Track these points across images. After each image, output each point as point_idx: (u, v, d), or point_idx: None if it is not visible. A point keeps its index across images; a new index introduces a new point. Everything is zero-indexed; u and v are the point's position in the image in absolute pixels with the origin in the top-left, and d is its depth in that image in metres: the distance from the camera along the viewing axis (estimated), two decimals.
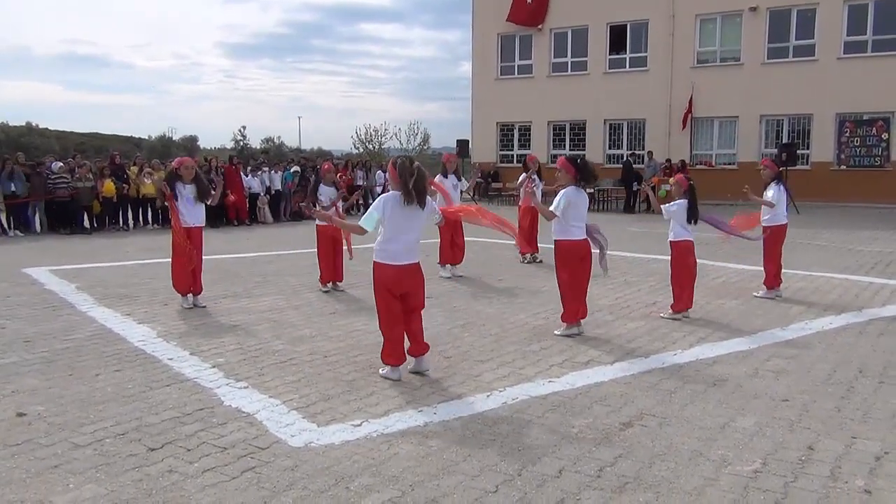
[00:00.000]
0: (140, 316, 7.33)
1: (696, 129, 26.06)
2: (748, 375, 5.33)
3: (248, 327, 6.85)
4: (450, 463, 3.77)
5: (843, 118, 23.67)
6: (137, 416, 4.45)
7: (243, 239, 15.02)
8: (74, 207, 16.15)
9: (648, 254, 11.72)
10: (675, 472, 3.67)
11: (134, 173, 17.42)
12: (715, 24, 25.69)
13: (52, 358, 5.77)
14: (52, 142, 48.54)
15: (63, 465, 3.75)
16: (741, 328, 6.83)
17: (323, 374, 5.32)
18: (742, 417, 4.46)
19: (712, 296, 8.42)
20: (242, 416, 4.45)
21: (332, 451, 3.93)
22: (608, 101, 27.02)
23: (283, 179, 20.04)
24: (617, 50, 27.47)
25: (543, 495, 3.42)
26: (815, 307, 7.77)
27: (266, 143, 58.65)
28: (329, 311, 7.60)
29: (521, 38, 29.17)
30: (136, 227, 17.29)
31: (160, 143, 58.20)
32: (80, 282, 9.29)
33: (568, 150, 28.71)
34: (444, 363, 5.61)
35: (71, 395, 4.84)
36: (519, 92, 29.12)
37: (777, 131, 25.05)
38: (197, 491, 3.45)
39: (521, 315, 7.40)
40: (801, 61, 24.12)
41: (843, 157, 23.72)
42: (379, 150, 44.58)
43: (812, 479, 3.58)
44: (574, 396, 4.84)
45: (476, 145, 30.31)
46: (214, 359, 5.73)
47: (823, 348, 6.10)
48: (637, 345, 6.22)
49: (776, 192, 8.41)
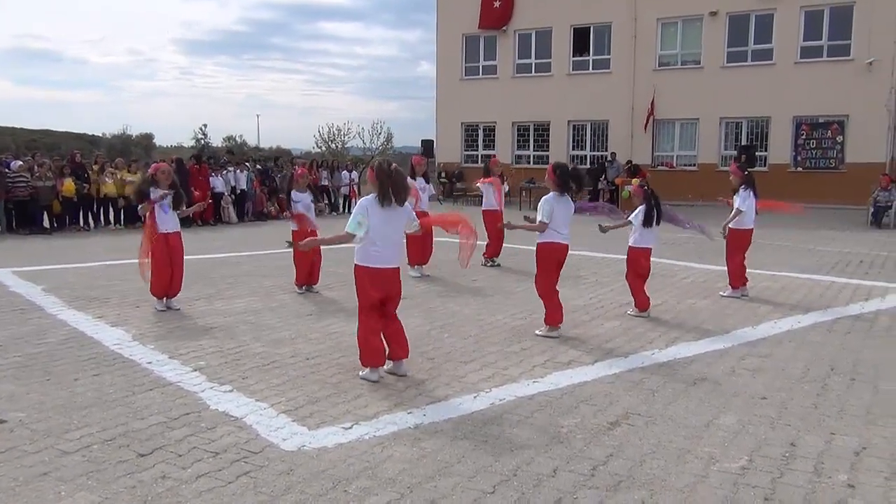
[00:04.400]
0: (112, 318, 7.21)
1: (657, 130, 26.45)
2: (726, 374, 5.46)
3: (226, 329, 6.79)
4: (445, 464, 3.80)
5: (799, 121, 24.26)
6: (123, 421, 4.39)
7: (209, 239, 14.83)
8: (34, 207, 15.77)
9: (618, 254, 11.87)
10: (666, 469, 3.75)
11: (95, 172, 17.07)
12: (676, 28, 26.10)
13: (26, 363, 5.64)
14: (6, 139, 47.24)
15: (52, 472, 3.68)
16: (714, 327, 6.99)
17: (307, 377, 5.30)
18: (724, 415, 4.57)
19: (682, 295, 8.59)
20: (231, 421, 4.41)
21: (326, 454, 3.92)
22: (572, 103, 27.29)
23: (248, 179, 19.84)
24: (580, 52, 27.74)
25: (541, 495, 3.47)
26: (783, 306, 7.98)
27: (228, 142, 57.87)
28: (306, 313, 7.56)
29: (486, 38, 29.28)
30: (97, 227, 16.95)
31: (119, 141, 57.04)
32: (45, 284, 9.09)
33: (532, 150, 28.94)
34: (427, 365, 5.64)
35: (51, 401, 4.75)
36: (483, 92, 29.23)
37: (736, 133, 25.55)
38: (193, 497, 3.43)
39: (498, 316, 7.46)
40: (760, 65, 24.64)
41: (800, 158, 24.30)
42: (342, 150, 44.32)
43: (797, 475, 3.70)
44: (560, 396, 4.91)
45: (440, 145, 30.35)
46: (195, 362, 5.67)
47: (794, 347, 6.27)
48: (615, 344, 6.32)
49: (744, 198, 8.58)
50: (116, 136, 61.40)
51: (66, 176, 16.22)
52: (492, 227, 11.14)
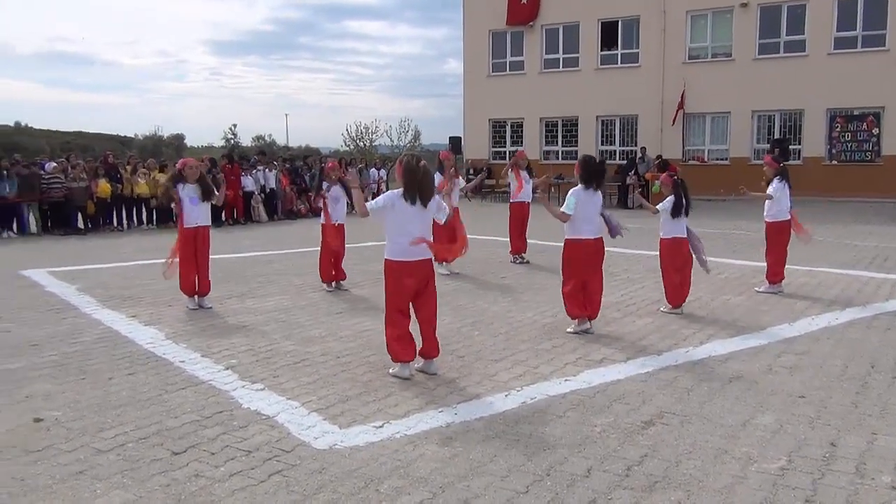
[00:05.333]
0: (146, 318, 7.28)
1: (687, 124, 26.15)
2: (762, 372, 5.35)
3: (257, 328, 6.82)
4: (477, 464, 3.77)
5: (833, 113, 23.82)
6: (157, 419, 4.42)
7: (240, 238, 14.95)
8: (68, 208, 16.02)
9: (648, 250, 11.74)
10: (703, 470, 3.68)
11: (128, 173, 17.30)
12: (706, 20, 25.77)
13: (62, 361, 5.72)
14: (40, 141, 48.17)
15: (88, 470, 3.72)
16: (749, 324, 6.86)
17: (338, 375, 5.30)
18: (762, 414, 4.48)
19: (716, 292, 8.46)
20: (263, 419, 4.42)
21: (358, 453, 3.91)
22: (600, 98, 27.08)
23: (277, 178, 19.97)
24: (608, 46, 27.51)
25: (575, 495, 3.42)
26: (820, 302, 7.82)
27: (257, 141, 58.42)
28: (336, 311, 7.57)
29: (513, 34, 29.17)
30: (130, 227, 17.19)
31: (151, 142, 57.87)
32: (80, 283, 9.22)
33: (560, 146, 28.77)
34: (458, 363, 5.61)
35: (86, 400, 4.80)
36: (511, 88, 29.12)
37: (769, 126, 25.17)
38: (226, 495, 3.43)
39: (528, 313, 7.40)
40: (792, 57, 24.24)
41: (835, 151, 23.87)
42: (370, 148, 44.48)
43: (839, 476, 3.60)
44: (592, 395, 4.85)
45: (468, 142, 30.33)
46: (227, 360, 5.70)
47: (833, 344, 6.14)
48: (648, 342, 6.24)
49: (777, 188, 8.45)
50: (148, 137, 62.37)
51: (99, 177, 16.47)
52: (517, 222, 11.08)
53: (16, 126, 60.55)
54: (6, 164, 15.54)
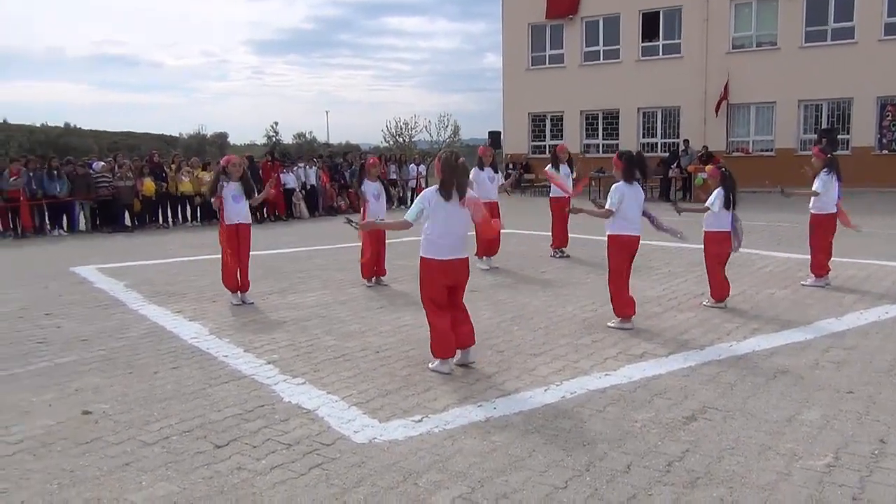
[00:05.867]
0: (190, 313, 7.41)
1: (731, 115, 25.67)
2: (808, 367, 5.24)
3: (298, 323, 6.90)
4: (515, 458, 3.76)
5: (884, 101, 23.14)
6: (200, 413, 4.51)
7: (282, 234, 15.14)
8: (116, 206, 16.40)
9: (689, 244, 11.56)
10: (746, 466, 3.62)
11: (172, 171, 17.64)
12: (751, 9, 25.24)
13: (109, 356, 5.86)
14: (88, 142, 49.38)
15: (133, 462, 3.80)
16: (794, 318, 6.72)
17: (378, 370, 5.33)
18: (807, 410, 4.38)
19: (760, 285, 8.30)
20: (303, 413, 4.48)
21: (397, 446, 3.93)
22: (641, 90, 26.72)
23: (317, 175, 20.14)
24: (650, 37, 27.13)
25: (615, 491, 3.39)
26: (869, 296, 7.62)
27: (298, 139, 59.03)
28: (376, 306, 7.62)
29: (552, 27, 28.94)
30: (175, 225, 17.52)
31: (195, 141, 58.88)
32: (127, 280, 9.43)
33: (601, 139, 28.50)
34: (497, 357, 5.60)
35: (133, 393, 4.91)
36: (550, 82, 28.92)
37: (816, 116, 24.58)
38: (268, 488, 3.48)
39: (568, 307, 7.36)
40: (841, 44, 23.60)
41: (885, 141, 23.20)
42: (409, 143, 44.59)
43: (888, 474, 3.51)
44: (633, 390, 4.80)
45: (508, 136, 30.20)
46: (269, 355, 5.77)
47: (882, 338, 5.97)
48: (690, 336, 6.15)
49: (825, 181, 8.23)
50: (192, 136, 63.48)
51: (145, 175, 16.82)
52: (558, 216, 11.01)
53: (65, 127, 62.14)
54: (57, 164, 15.97)
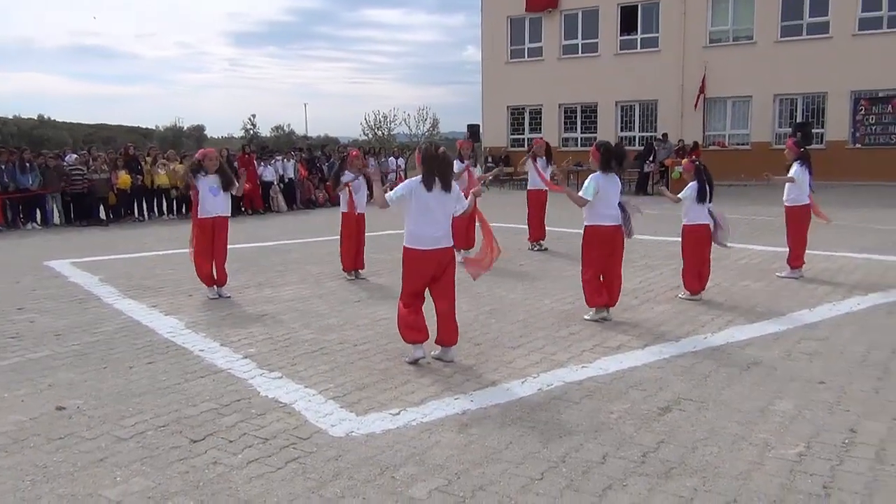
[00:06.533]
0: (166, 307, 7.35)
1: (708, 109, 25.87)
2: (781, 358, 5.31)
3: (275, 316, 6.87)
4: (492, 451, 3.77)
5: (858, 96, 23.46)
6: (176, 408, 4.47)
7: (259, 228, 15.05)
8: (90, 199, 16.21)
9: (667, 236, 11.67)
10: (720, 456, 3.66)
11: (148, 164, 17.45)
12: (727, 3, 25.44)
13: (84, 351, 5.80)
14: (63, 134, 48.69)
15: (108, 458, 3.77)
16: (769, 310, 6.80)
17: (355, 364, 5.33)
18: (780, 400, 4.44)
19: (736, 277, 8.39)
20: (280, 407, 4.46)
21: (374, 440, 3.93)
22: (620, 83, 26.86)
23: (295, 168, 20.03)
24: (628, 31, 27.27)
25: (589, 482, 3.42)
26: (841, 287, 7.73)
27: (276, 132, 58.62)
28: (354, 300, 7.60)
29: (531, 20, 28.98)
30: (151, 218, 17.36)
31: (171, 133, 58.27)
32: (102, 274, 9.33)
33: (579, 133, 28.60)
34: (475, 350, 5.61)
35: (108, 388, 4.86)
36: (529, 75, 28.97)
37: (791, 110, 24.86)
38: (244, 482, 3.47)
39: (546, 300, 7.39)
40: (816, 38, 23.88)
41: (859, 135, 23.51)
42: (388, 137, 44.48)
43: (858, 462, 3.57)
44: (609, 381, 4.83)
45: (487, 129, 30.23)
46: (245, 349, 5.75)
47: (854, 329, 6.07)
48: (666, 328, 6.20)
49: (797, 172, 8.35)
50: (169, 129, 62.81)
51: (119, 168, 16.62)
52: (535, 208, 11.05)
53: (39, 119, 61.23)
54: (29, 156, 15.73)
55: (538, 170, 10.97)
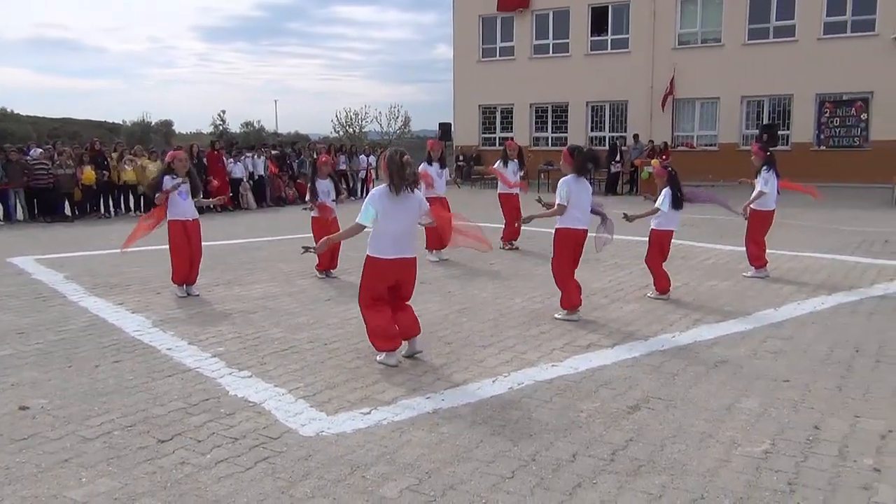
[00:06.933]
0: (133, 305, 7.25)
1: (677, 110, 26.16)
2: (748, 356, 5.39)
3: (245, 315, 6.81)
4: (463, 449, 3.78)
5: (823, 98, 23.88)
6: (143, 407, 4.41)
7: (228, 225, 14.90)
8: (55, 195, 15.92)
9: (636, 235, 11.77)
10: (687, 454, 3.71)
11: (115, 160, 17.19)
12: (696, 5, 25.74)
13: (48, 349, 5.69)
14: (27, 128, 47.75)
15: (73, 458, 3.71)
16: (735, 309, 6.90)
17: (326, 362, 5.30)
18: (746, 398, 4.51)
19: (703, 277, 8.50)
20: (250, 406, 4.42)
21: (345, 439, 3.92)
22: (590, 83, 27.05)
23: (265, 165, 19.86)
24: (599, 31, 27.46)
25: (560, 480, 3.44)
26: (806, 287, 7.87)
27: (246, 128, 58.06)
28: (325, 298, 7.57)
29: (503, 19, 29.05)
30: (118, 215, 17.09)
31: (139, 129, 57.42)
32: (67, 271, 9.17)
33: (550, 133, 28.75)
34: (446, 349, 5.62)
35: (73, 388, 4.78)
36: (501, 74, 29.05)
37: (758, 112, 25.23)
38: (212, 483, 3.44)
39: (516, 299, 7.42)
40: (782, 42, 24.27)
41: (823, 137, 23.94)
42: (360, 134, 44.31)
43: (822, 459, 3.64)
44: (579, 380, 4.87)
45: (458, 128, 30.27)
46: (214, 348, 5.69)
47: (818, 328, 6.18)
48: (635, 327, 6.26)
49: (766, 178, 8.46)
50: (136, 124, 61.86)
51: (85, 164, 16.34)
52: (508, 209, 11.09)
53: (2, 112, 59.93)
54: None
55: (500, 174, 11.06)
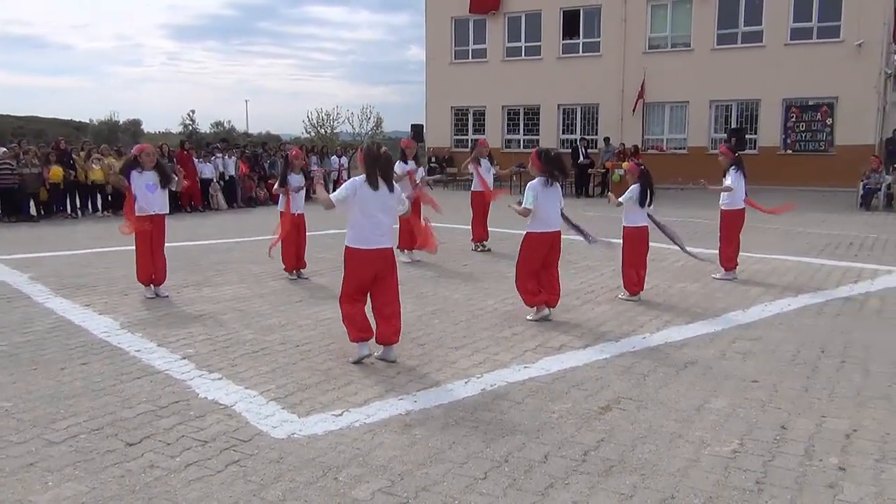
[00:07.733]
0: (100, 306, 7.14)
1: (647, 113, 26.42)
2: (716, 357, 5.46)
3: (215, 317, 6.74)
4: (436, 451, 3.78)
5: (789, 103, 24.26)
6: (111, 410, 4.35)
7: (198, 226, 14.73)
8: (20, 195, 15.62)
9: (606, 237, 11.86)
10: (658, 454, 3.75)
11: (82, 159, 16.91)
12: (666, 10, 26.01)
13: (12, 352, 5.58)
14: None
15: (39, 462, 3.64)
16: (704, 311, 6.99)
17: (297, 364, 5.27)
18: (715, 399, 4.57)
19: (673, 279, 8.60)
20: (220, 409, 4.38)
21: (317, 441, 3.90)
22: (562, 86, 27.20)
23: (235, 165, 19.66)
24: (570, 35, 27.62)
25: (532, 481, 3.45)
26: (774, 289, 7.99)
27: (217, 128, 57.47)
28: (296, 300, 7.51)
29: (475, 22, 29.11)
30: (85, 215, 16.81)
31: (106, 128, 56.55)
32: (32, 272, 9.00)
33: (522, 135, 28.86)
34: (419, 350, 5.61)
35: (38, 390, 4.70)
36: (473, 76, 29.10)
37: (726, 116, 25.56)
38: (182, 486, 3.40)
39: (489, 301, 7.44)
40: (750, 47, 24.59)
41: (790, 141, 24.33)
42: (331, 135, 44.12)
43: (788, 458, 3.70)
44: (551, 381, 4.89)
45: (430, 130, 30.25)
46: (184, 350, 5.62)
47: (785, 329, 6.28)
48: (606, 329, 6.31)
49: (734, 178, 8.62)
50: (103, 123, 60.95)
51: (52, 163, 16.05)
52: (478, 210, 11.12)
53: None
54: None
55: (480, 176, 11.09)
